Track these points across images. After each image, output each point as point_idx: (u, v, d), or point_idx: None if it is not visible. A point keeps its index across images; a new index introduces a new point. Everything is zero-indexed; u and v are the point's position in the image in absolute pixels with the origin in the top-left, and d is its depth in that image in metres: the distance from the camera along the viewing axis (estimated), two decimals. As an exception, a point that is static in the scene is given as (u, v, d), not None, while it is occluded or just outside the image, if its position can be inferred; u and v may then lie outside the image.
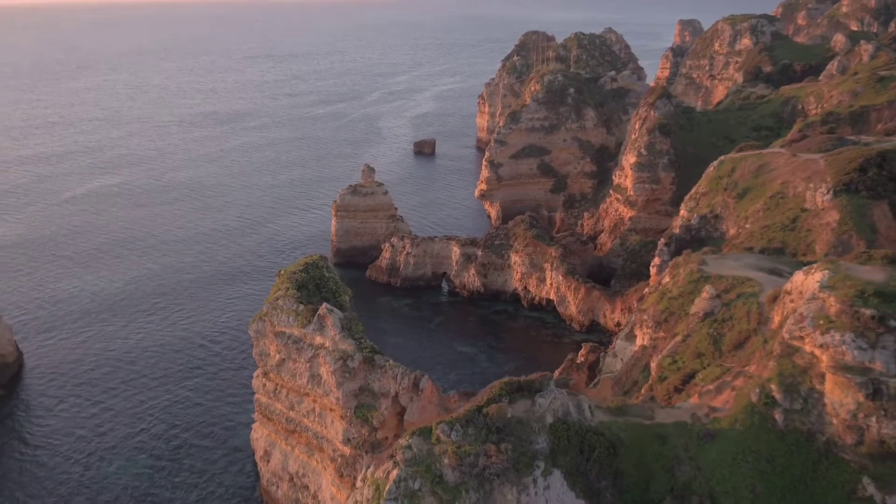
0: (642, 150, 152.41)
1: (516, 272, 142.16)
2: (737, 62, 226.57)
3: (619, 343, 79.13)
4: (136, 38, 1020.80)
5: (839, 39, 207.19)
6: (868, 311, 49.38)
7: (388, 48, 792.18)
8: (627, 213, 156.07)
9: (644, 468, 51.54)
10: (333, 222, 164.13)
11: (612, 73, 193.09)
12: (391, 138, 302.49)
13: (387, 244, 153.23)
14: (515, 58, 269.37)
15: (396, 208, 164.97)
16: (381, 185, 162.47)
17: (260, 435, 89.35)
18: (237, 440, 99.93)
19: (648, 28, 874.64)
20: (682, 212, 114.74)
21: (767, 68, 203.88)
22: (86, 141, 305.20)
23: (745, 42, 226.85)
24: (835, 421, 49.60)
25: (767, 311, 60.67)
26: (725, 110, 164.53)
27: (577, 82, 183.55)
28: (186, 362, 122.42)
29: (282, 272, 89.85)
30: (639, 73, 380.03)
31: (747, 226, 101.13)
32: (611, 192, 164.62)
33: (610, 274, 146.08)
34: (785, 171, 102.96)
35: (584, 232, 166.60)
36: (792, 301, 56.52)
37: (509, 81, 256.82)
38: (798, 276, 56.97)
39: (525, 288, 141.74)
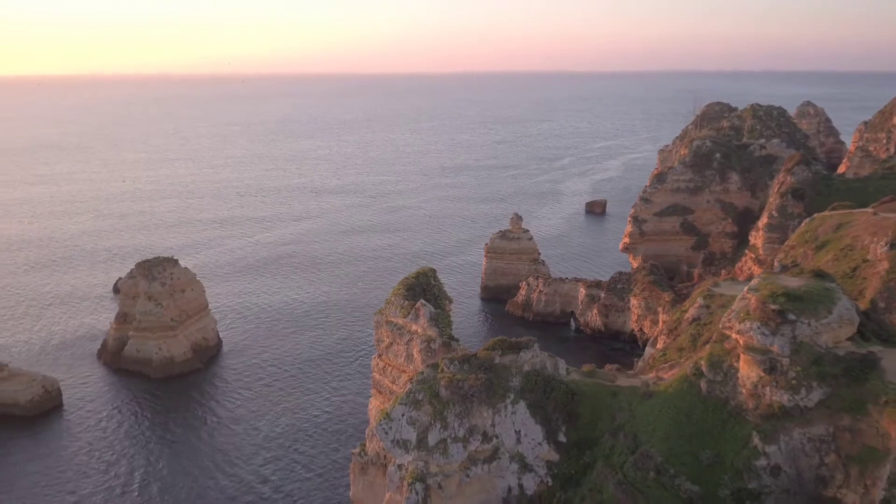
0: (773, 212, 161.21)
1: (634, 314, 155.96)
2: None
3: (647, 350, 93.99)
4: (369, 106, 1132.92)
5: None
6: (773, 307, 63.37)
7: (596, 117, 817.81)
8: (758, 271, 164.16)
9: (596, 413, 68.11)
10: (484, 262, 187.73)
11: (762, 140, 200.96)
12: (569, 197, 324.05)
13: (524, 283, 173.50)
14: (690, 126, 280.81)
15: (539, 252, 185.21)
16: (526, 231, 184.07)
17: (373, 406, 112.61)
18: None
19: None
20: (775, 262, 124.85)
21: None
22: (311, 184, 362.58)
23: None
24: (743, 390, 63.58)
25: (736, 316, 74.42)
26: (866, 178, 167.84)
27: (724, 148, 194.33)
28: (349, 354, 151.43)
29: (402, 279, 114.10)
30: (839, 146, 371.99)
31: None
32: (746, 251, 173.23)
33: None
34: (860, 227, 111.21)
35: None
36: (742, 305, 70.53)
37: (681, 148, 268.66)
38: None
39: (641, 329, 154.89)
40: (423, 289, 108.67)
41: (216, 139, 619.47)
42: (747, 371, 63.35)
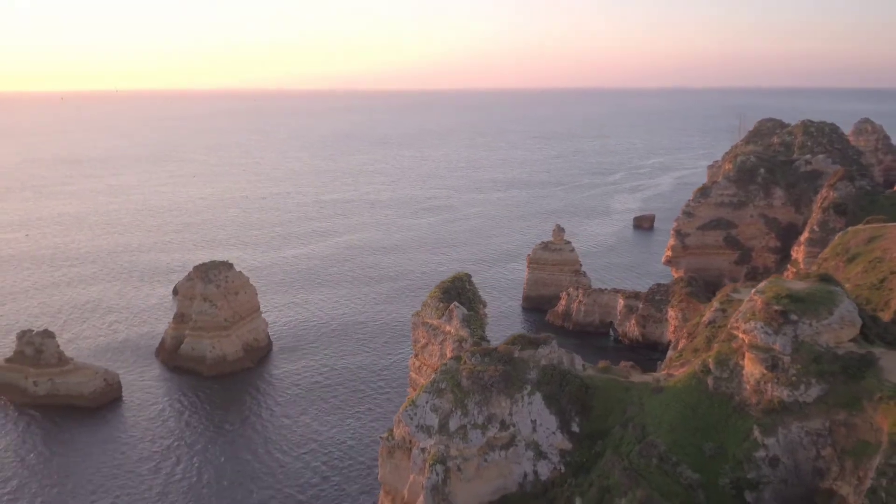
0: (815, 227, 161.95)
1: (671, 325, 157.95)
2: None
3: (668, 352, 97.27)
4: (428, 121, 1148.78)
5: None
6: (776, 307, 66.77)
7: (650, 132, 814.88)
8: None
9: (608, 406, 72.16)
10: (526, 272, 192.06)
11: (808, 156, 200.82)
12: (618, 211, 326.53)
13: (564, 293, 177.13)
14: (740, 142, 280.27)
15: (581, 264, 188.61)
16: (568, 242, 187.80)
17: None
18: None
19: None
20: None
21: None
22: (366, 197, 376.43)
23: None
24: (747, 386, 67.02)
25: (749, 319, 77.61)
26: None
27: (768, 163, 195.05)
28: (392, 356, 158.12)
29: (438, 283, 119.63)
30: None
31: (847, 285, 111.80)
32: (788, 265, 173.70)
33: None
34: (891, 240, 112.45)
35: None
36: (752, 307, 73.81)
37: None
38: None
39: (678, 340, 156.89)
40: (458, 292, 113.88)
41: (276, 152, 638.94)
42: (751, 368, 66.82)
